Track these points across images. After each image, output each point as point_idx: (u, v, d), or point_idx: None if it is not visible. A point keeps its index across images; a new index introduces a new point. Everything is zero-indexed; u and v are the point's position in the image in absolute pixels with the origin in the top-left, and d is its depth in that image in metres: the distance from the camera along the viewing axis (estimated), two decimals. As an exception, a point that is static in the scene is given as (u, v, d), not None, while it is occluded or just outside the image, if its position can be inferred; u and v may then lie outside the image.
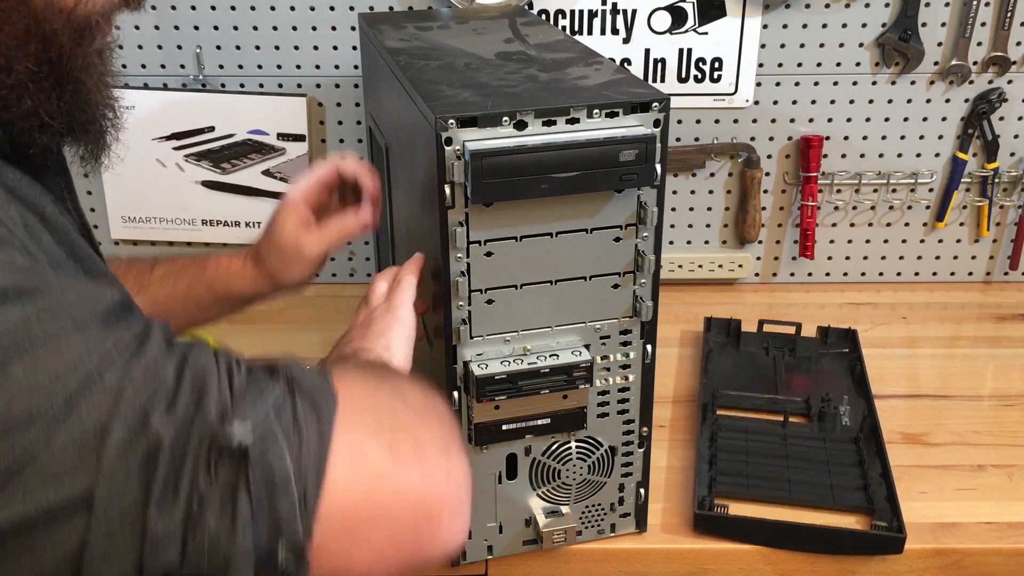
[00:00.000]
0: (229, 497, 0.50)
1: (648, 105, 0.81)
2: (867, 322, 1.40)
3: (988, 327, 1.40)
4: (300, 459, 0.51)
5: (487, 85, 0.86)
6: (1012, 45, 1.36)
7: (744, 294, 1.49)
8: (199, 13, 1.34)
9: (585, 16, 1.35)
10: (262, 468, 0.50)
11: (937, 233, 1.48)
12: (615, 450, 0.95)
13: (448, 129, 0.77)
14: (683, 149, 1.42)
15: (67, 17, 0.58)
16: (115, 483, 0.48)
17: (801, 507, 1.02)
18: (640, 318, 0.89)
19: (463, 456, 0.59)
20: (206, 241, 1.46)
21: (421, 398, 0.62)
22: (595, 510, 0.97)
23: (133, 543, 0.48)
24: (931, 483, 1.07)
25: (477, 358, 0.87)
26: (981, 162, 1.43)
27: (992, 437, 1.15)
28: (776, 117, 1.41)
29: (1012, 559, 0.99)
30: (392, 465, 0.55)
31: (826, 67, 1.38)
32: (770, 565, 0.99)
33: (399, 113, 0.95)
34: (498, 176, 0.77)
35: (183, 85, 1.37)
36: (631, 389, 0.93)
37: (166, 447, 0.49)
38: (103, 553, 0.48)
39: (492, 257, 0.83)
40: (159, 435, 0.49)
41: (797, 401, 1.18)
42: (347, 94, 1.38)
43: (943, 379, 1.27)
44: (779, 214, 1.47)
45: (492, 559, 0.98)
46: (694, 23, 1.36)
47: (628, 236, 0.86)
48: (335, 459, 0.52)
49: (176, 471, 0.49)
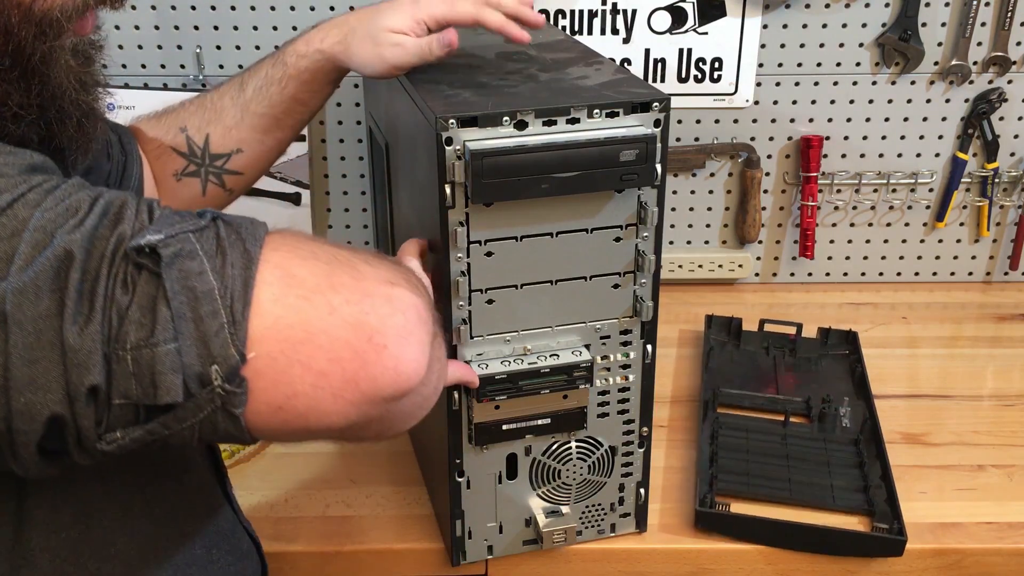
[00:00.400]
0: (149, 309, 0.49)
1: (648, 105, 0.81)
2: (867, 322, 1.40)
3: (988, 327, 1.40)
4: (223, 276, 0.50)
5: (487, 85, 0.86)
6: (1012, 45, 1.36)
7: (744, 294, 1.49)
8: (199, 13, 1.34)
9: (585, 16, 1.35)
10: (182, 283, 0.50)
11: (937, 233, 1.48)
12: (615, 450, 0.95)
13: (448, 129, 0.77)
14: (683, 149, 1.42)
15: (25, 12, 0.59)
16: (26, 297, 0.48)
17: (801, 507, 1.02)
18: (640, 318, 0.89)
19: (415, 292, 0.57)
20: (206, 241, 1.45)
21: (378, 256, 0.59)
22: (595, 510, 0.97)
23: (54, 361, 0.48)
24: (931, 483, 1.07)
25: (477, 358, 0.87)
26: (981, 162, 1.43)
27: (992, 437, 1.15)
28: (776, 117, 1.41)
29: (1012, 559, 0.99)
30: (327, 288, 0.53)
31: (826, 67, 1.38)
32: (770, 565, 0.99)
33: (399, 113, 0.95)
34: (498, 176, 0.77)
35: (183, 85, 1.36)
36: (631, 389, 0.93)
37: (77, 260, 0.49)
38: (28, 377, 0.48)
39: (492, 257, 0.83)
40: (69, 250, 0.49)
41: (798, 401, 1.18)
42: (347, 94, 1.38)
43: (943, 379, 1.27)
44: (779, 214, 1.47)
45: (492, 559, 0.98)
46: (694, 23, 1.36)
47: (628, 236, 0.86)
48: (263, 279, 0.51)
49: (91, 284, 0.49)
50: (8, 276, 0.48)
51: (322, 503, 1.05)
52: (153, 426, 0.51)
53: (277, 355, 0.51)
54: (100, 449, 0.51)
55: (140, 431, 0.51)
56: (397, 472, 1.09)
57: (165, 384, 0.49)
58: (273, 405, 0.52)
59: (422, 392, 0.60)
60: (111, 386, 0.49)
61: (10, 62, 0.60)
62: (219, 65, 1.36)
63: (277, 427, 0.53)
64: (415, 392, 0.57)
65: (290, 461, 1.11)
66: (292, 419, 0.53)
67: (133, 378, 0.49)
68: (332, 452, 1.13)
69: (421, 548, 0.99)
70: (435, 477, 1.01)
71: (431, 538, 1.00)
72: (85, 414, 0.49)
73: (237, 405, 0.51)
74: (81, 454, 0.51)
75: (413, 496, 1.06)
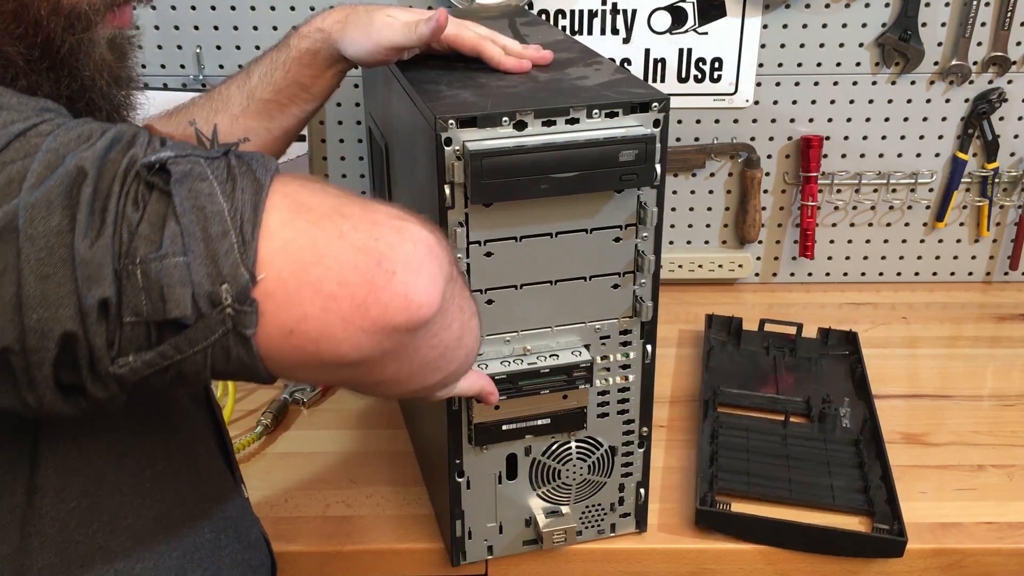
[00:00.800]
0: (158, 226, 0.49)
1: (648, 105, 0.81)
2: (867, 322, 1.40)
3: (988, 327, 1.40)
4: (233, 199, 0.51)
5: (487, 85, 0.86)
6: (1012, 45, 1.36)
7: (744, 294, 1.49)
8: (199, 13, 1.34)
9: (585, 16, 1.35)
10: (192, 202, 0.50)
11: (937, 233, 1.48)
12: (615, 450, 0.95)
13: (448, 129, 0.77)
14: (683, 149, 1.42)
15: (54, 5, 0.60)
16: (38, 212, 0.48)
17: (802, 507, 1.02)
18: (640, 318, 0.89)
19: (427, 228, 0.57)
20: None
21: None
22: (595, 510, 0.97)
23: (67, 276, 0.48)
24: (931, 483, 1.07)
25: (477, 358, 0.87)
26: (981, 162, 1.43)
27: (992, 437, 1.15)
28: (776, 117, 1.41)
29: (1012, 559, 0.99)
30: (336, 215, 0.53)
31: (826, 67, 1.38)
32: (770, 565, 0.99)
33: (399, 113, 0.95)
34: (498, 176, 0.77)
35: (183, 85, 1.36)
36: (631, 389, 0.93)
37: (90, 177, 0.49)
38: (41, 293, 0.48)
39: (492, 257, 0.83)
40: (81, 167, 0.49)
41: (798, 401, 1.18)
42: (347, 94, 1.38)
43: (943, 379, 1.27)
44: (779, 214, 1.47)
45: (492, 559, 0.98)
46: (694, 23, 1.36)
47: (628, 236, 0.86)
48: (273, 205, 0.52)
49: (102, 200, 0.49)
50: (20, 193, 0.48)
51: (322, 503, 1.05)
52: (164, 348, 0.51)
53: (287, 277, 0.51)
54: (113, 373, 0.51)
55: (152, 354, 0.51)
56: (397, 472, 1.09)
57: (174, 297, 0.49)
58: (284, 329, 0.52)
59: (440, 335, 0.60)
60: (122, 302, 0.49)
61: (40, 53, 0.61)
62: (219, 65, 1.36)
63: (289, 354, 0.53)
64: (430, 331, 0.57)
65: (290, 461, 1.11)
66: (304, 345, 0.52)
67: (143, 292, 0.49)
68: (332, 452, 1.13)
69: (421, 548, 0.99)
70: (435, 477, 1.01)
71: (431, 538, 1.00)
72: (97, 332, 0.49)
73: (248, 326, 0.51)
74: (95, 382, 0.51)
75: (413, 496, 1.06)
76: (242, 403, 1.20)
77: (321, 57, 0.96)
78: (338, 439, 1.15)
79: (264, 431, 1.14)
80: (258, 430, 1.14)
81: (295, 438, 1.16)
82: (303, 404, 1.20)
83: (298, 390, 1.21)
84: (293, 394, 1.21)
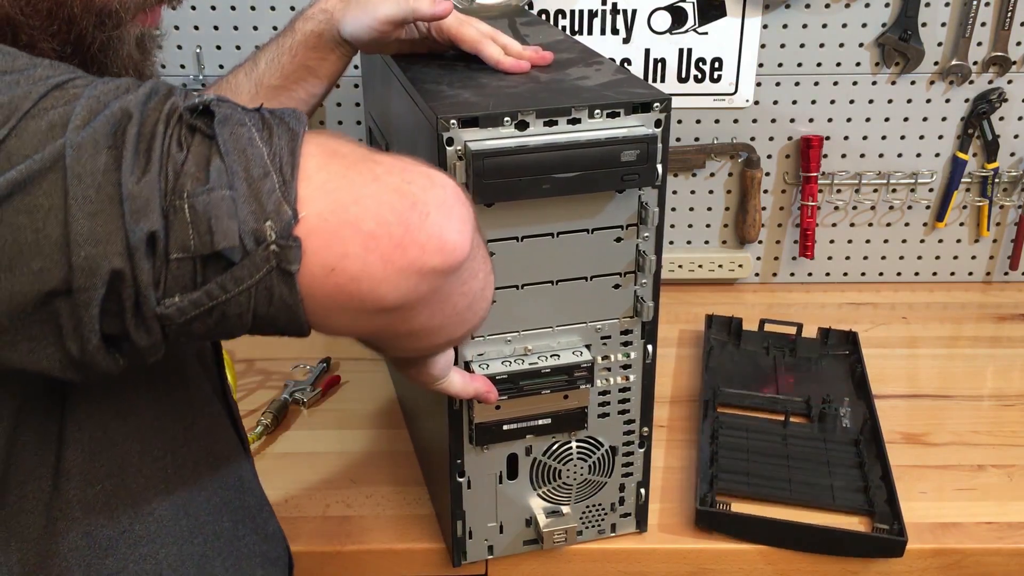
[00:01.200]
0: (203, 164, 0.50)
1: (649, 105, 0.81)
2: (867, 322, 1.40)
3: (988, 327, 1.40)
4: (271, 144, 0.52)
5: (488, 85, 0.86)
6: (1012, 45, 1.36)
7: (744, 294, 1.49)
8: (199, 13, 1.34)
9: (585, 16, 1.35)
10: (234, 143, 0.51)
11: (937, 233, 1.48)
12: (616, 450, 0.95)
13: (449, 129, 0.77)
14: (683, 149, 1.42)
15: (86, 2, 0.62)
16: (84, 151, 0.49)
17: (802, 507, 1.02)
18: (641, 318, 0.89)
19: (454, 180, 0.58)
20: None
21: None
22: (595, 510, 0.97)
23: (114, 213, 0.49)
24: (931, 483, 1.07)
25: (478, 358, 0.87)
26: (981, 162, 1.43)
27: (992, 437, 1.15)
28: (776, 117, 1.41)
29: (1012, 559, 0.99)
30: (369, 160, 0.55)
31: (826, 67, 1.38)
32: (770, 565, 0.99)
33: (400, 113, 0.95)
34: (499, 176, 0.77)
35: (183, 85, 1.36)
36: (632, 389, 0.93)
37: (135, 118, 0.50)
38: (88, 230, 0.49)
39: (493, 257, 0.83)
40: (126, 108, 0.50)
41: (798, 401, 1.18)
42: (347, 94, 1.38)
43: (943, 379, 1.27)
44: (779, 214, 1.47)
45: (492, 559, 0.98)
46: (694, 23, 1.36)
47: (629, 236, 0.86)
48: (308, 151, 0.53)
49: (147, 140, 0.50)
50: (66, 134, 0.49)
51: (322, 503, 1.05)
52: (211, 287, 0.51)
53: (328, 215, 0.52)
54: (159, 314, 0.51)
55: (198, 293, 0.51)
56: (397, 472, 1.09)
57: (222, 229, 0.50)
58: (327, 267, 0.52)
59: (469, 283, 0.61)
60: (169, 237, 0.50)
61: (72, 50, 0.63)
62: (219, 65, 1.36)
63: (330, 296, 0.53)
64: (461, 278, 0.58)
65: (290, 461, 1.11)
66: (345, 284, 0.53)
67: (191, 226, 0.50)
68: (332, 452, 1.13)
69: (421, 548, 0.99)
70: (436, 477, 1.01)
71: (431, 538, 1.00)
72: (144, 268, 0.49)
73: (292, 261, 0.51)
74: (138, 327, 0.51)
75: (413, 496, 1.06)
76: (242, 403, 1.20)
77: (326, 38, 0.97)
78: (338, 439, 1.15)
79: (264, 431, 1.14)
80: (258, 430, 1.14)
81: (295, 438, 1.16)
82: (303, 404, 1.20)
83: (298, 390, 1.21)
84: (293, 394, 1.21)
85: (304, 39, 0.97)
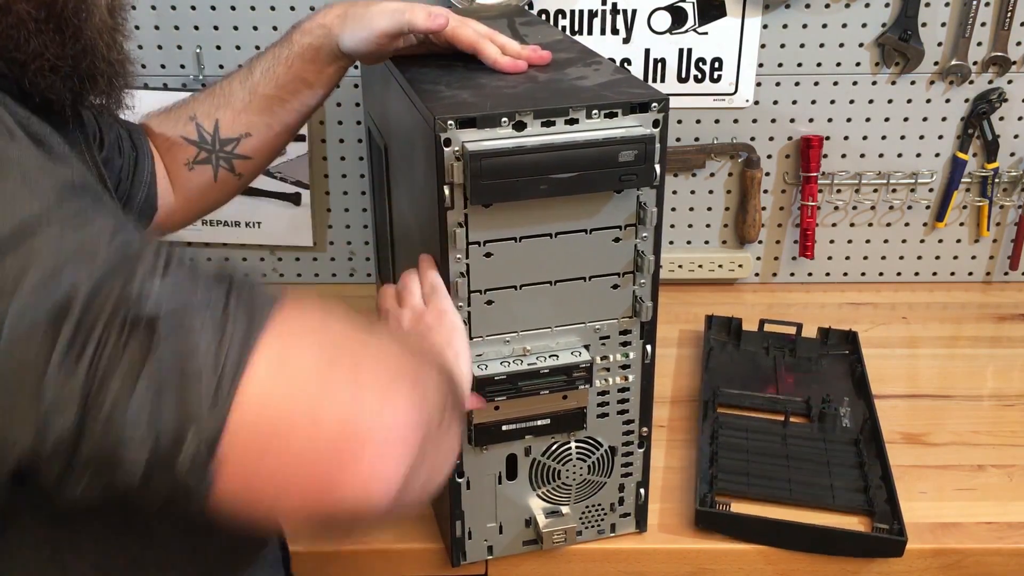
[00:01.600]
0: (136, 370, 0.48)
1: (647, 105, 0.81)
2: (867, 322, 1.40)
3: (988, 327, 1.40)
4: (218, 353, 0.49)
5: (486, 86, 0.86)
6: (1012, 45, 1.36)
7: (744, 294, 1.49)
8: (199, 13, 1.34)
9: (585, 16, 1.35)
10: (175, 352, 0.49)
11: (937, 233, 1.48)
12: (615, 450, 0.95)
13: (447, 130, 0.77)
14: (683, 149, 1.42)
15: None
16: (19, 330, 0.47)
17: (802, 507, 1.02)
18: (640, 318, 0.89)
19: (414, 401, 0.54)
20: (206, 241, 1.46)
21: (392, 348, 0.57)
22: (595, 510, 0.97)
23: (33, 403, 0.47)
24: (931, 483, 1.07)
25: (477, 359, 0.87)
26: (981, 162, 1.43)
27: (992, 437, 1.15)
28: (776, 117, 1.41)
29: (1012, 559, 0.99)
30: (320, 382, 0.51)
31: (826, 67, 1.38)
32: (770, 565, 0.99)
33: (398, 114, 0.95)
34: (497, 177, 0.77)
35: (183, 85, 1.36)
36: (631, 389, 0.93)
37: (79, 303, 0.48)
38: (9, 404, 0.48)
39: (491, 258, 0.83)
40: (75, 289, 0.48)
41: (798, 401, 1.18)
42: (347, 94, 1.38)
43: (943, 379, 1.27)
44: (779, 214, 1.47)
45: (492, 559, 0.98)
46: (694, 23, 1.36)
47: (627, 236, 0.86)
48: (258, 361, 0.50)
49: (86, 330, 0.48)
50: (10, 302, 0.48)
51: (322, 503, 1.05)
52: (116, 487, 0.50)
53: (249, 450, 0.50)
54: (68, 497, 0.50)
55: (100, 491, 0.50)
56: (397, 472, 1.09)
57: (130, 449, 0.48)
58: (237, 489, 0.51)
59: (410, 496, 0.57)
60: (80, 437, 0.48)
61: (45, 13, 0.65)
62: (219, 65, 1.36)
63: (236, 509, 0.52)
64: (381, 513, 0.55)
65: (290, 461, 1.11)
66: (254, 507, 0.52)
67: (101, 434, 0.48)
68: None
69: (421, 548, 0.99)
70: (435, 477, 1.01)
71: (431, 538, 1.00)
72: (52, 466, 0.49)
73: (202, 484, 0.50)
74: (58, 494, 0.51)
75: (413, 496, 1.06)
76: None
77: (323, 52, 0.97)
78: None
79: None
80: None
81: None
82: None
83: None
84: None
85: (301, 52, 0.97)
